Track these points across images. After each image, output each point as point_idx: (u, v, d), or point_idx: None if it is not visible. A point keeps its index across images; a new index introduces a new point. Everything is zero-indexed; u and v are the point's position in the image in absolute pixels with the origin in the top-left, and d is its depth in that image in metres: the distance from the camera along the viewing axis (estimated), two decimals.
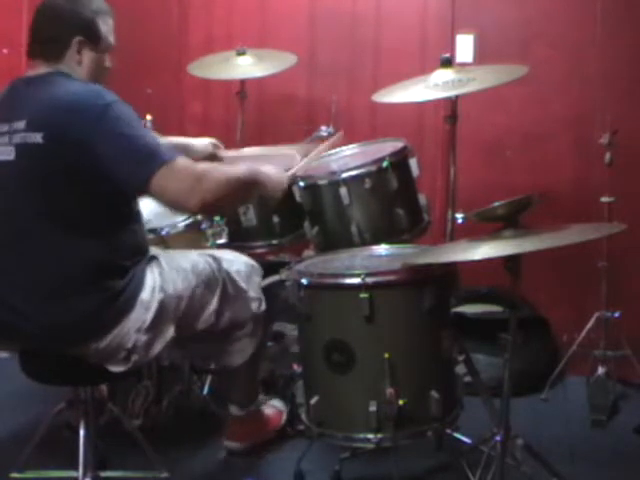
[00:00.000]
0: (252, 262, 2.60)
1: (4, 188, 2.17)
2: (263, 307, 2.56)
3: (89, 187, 2.12)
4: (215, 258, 2.49)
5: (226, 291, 2.46)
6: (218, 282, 2.44)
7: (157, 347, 2.26)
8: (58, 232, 2.13)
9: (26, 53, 2.27)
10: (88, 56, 2.25)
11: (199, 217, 2.79)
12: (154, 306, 2.24)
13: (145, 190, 2.12)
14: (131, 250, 2.24)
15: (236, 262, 2.53)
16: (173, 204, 2.20)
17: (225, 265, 2.48)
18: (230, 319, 2.47)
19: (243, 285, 2.50)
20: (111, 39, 2.30)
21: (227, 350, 2.54)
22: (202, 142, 2.85)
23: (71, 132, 2.08)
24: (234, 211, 2.90)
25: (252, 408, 2.69)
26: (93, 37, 2.24)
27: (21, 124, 2.12)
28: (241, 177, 2.30)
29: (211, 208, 2.28)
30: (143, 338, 2.22)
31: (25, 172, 2.13)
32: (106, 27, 2.28)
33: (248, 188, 2.35)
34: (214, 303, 2.42)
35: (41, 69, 2.23)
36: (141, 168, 2.09)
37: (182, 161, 2.13)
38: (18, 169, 2.14)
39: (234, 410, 2.69)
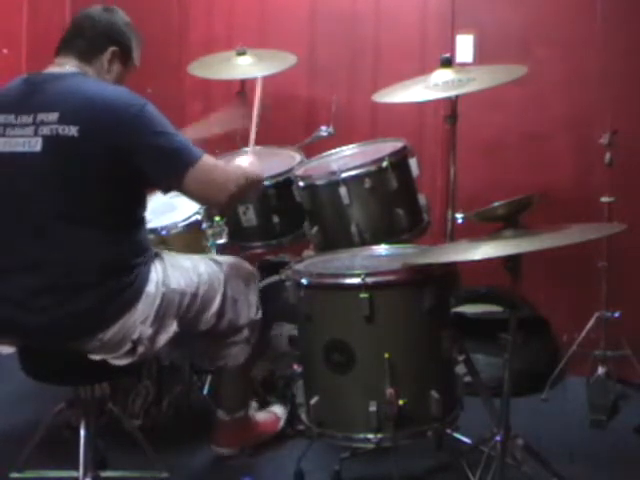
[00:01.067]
0: (251, 269, 2.61)
1: (24, 181, 2.15)
2: (259, 315, 2.58)
3: (111, 188, 2.15)
4: (217, 262, 2.52)
5: (227, 294, 2.47)
6: (220, 284, 2.46)
7: (161, 341, 2.28)
8: (70, 231, 2.14)
9: (56, 49, 2.31)
10: (117, 68, 2.34)
11: (199, 217, 2.80)
12: (158, 299, 2.26)
13: (179, 188, 2.23)
14: (139, 247, 2.27)
15: (236, 267, 2.55)
16: (205, 199, 2.37)
17: (226, 269, 2.50)
18: (229, 323, 2.49)
19: (242, 290, 2.52)
20: (137, 63, 2.41)
21: (222, 354, 2.55)
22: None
23: (107, 129, 2.12)
24: (234, 211, 2.91)
25: (239, 415, 2.69)
26: (126, 53, 2.36)
27: (51, 116, 2.12)
28: (251, 171, 2.42)
29: (237, 201, 2.44)
30: (148, 330, 2.23)
31: (52, 165, 2.13)
32: (137, 50, 2.41)
33: (252, 184, 2.44)
34: (216, 305, 2.44)
35: (67, 67, 2.26)
36: (175, 166, 2.19)
37: (210, 159, 2.25)
38: (44, 161, 2.13)
39: (221, 414, 2.68)
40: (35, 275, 2.15)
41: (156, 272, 2.30)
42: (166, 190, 2.30)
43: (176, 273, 2.35)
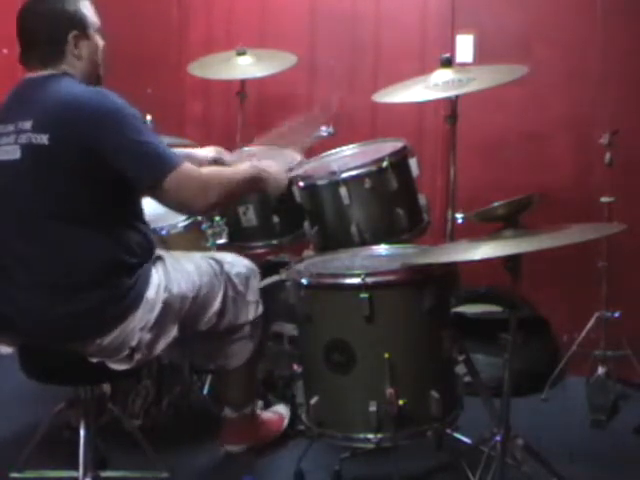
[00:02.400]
0: (251, 265, 2.61)
1: (11, 187, 2.17)
2: (260, 311, 2.57)
3: (95, 187, 2.15)
4: (217, 260, 2.51)
5: (227, 293, 2.47)
6: (221, 284, 2.46)
7: (160, 346, 2.28)
8: (66, 230, 2.14)
9: (20, 57, 2.26)
10: (85, 47, 2.27)
11: (199, 217, 2.80)
12: (158, 305, 2.26)
13: (152, 193, 2.19)
14: (138, 248, 2.26)
15: (236, 265, 2.55)
16: (179, 207, 2.29)
17: (226, 267, 2.50)
18: (230, 321, 2.49)
19: (242, 288, 2.52)
20: (96, 19, 2.31)
21: (225, 352, 2.55)
22: (204, 151, 2.85)
23: (78, 135, 2.10)
24: (234, 211, 2.91)
25: (246, 411, 2.69)
26: (84, 26, 2.26)
27: (27, 124, 2.13)
28: (244, 177, 2.40)
29: (215, 209, 2.38)
30: (147, 337, 2.23)
31: (30, 172, 2.14)
32: (88, 11, 2.29)
33: (251, 186, 2.44)
34: (216, 304, 2.44)
35: (43, 71, 2.23)
36: (150, 172, 2.15)
37: (188, 166, 2.21)
38: (24, 169, 2.14)
39: (228, 412, 2.68)
40: (33, 275, 2.16)
41: (158, 276, 2.29)
42: (144, 194, 2.26)
43: (178, 276, 2.34)
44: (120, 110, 2.14)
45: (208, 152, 2.80)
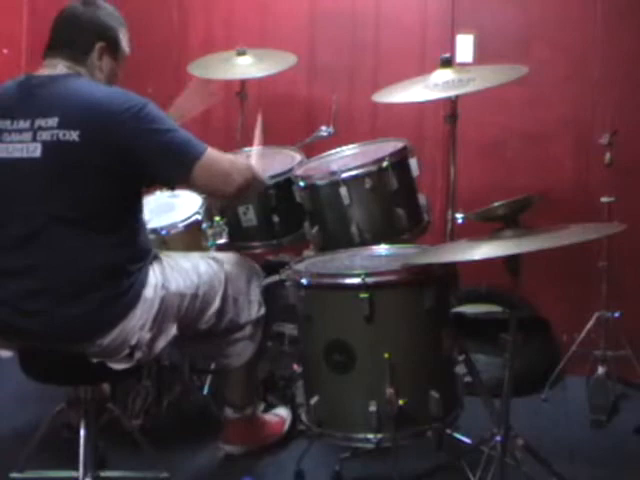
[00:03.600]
0: (254, 265, 2.61)
1: (23, 186, 2.15)
2: (263, 311, 2.57)
3: (115, 188, 2.15)
4: (217, 260, 2.52)
5: (227, 293, 2.47)
6: (221, 283, 2.46)
7: (160, 345, 2.28)
8: (74, 234, 2.14)
9: (44, 51, 2.29)
10: (107, 63, 2.31)
11: (199, 217, 2.80)
12: (156, 304, 2.26)
13: (186, 183, 2.24)
14: (139, 253, 2.27)
15: (237, 264, 2.55)
16: (213, 192, 2.37)
17: (227, 267, 2.50)
18: (230, 321, 2.49)
19: (243, 288, 2.52)
20: (127, 50, 2.38)
21: (226, 352, 2.54)
22: None
23: (108, 131, 2.11)
24: (234, 211, 2.91)
25: (247, 412, 2.69)
26: (114, 45, 2.32)
27: (51, 121, 2.11)
28: (254, 167, 2.43)
29: (244, 193, 2.38)
30: (147, 335, 2.23)
31: (53, 170, 2.12)
32: (124, 38, 2.36)
33: (255, 180, 2.43)
34: (216, 304, 2.44)
35: (58, 69, 2.24)
36: (181, 163, 2.19)
37: (214, 151, 2.25)
38: (45, 167, 2.12)
39: (229, 412, 2.68)
40: (33, 278, 2.15)
41: (155, 275, 2.29)
42: (174, 186, 2.35)
43: (175, 275, 2.35)
44: (146, 106, 2.16)
45: None
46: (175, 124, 2.22)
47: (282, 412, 2.87)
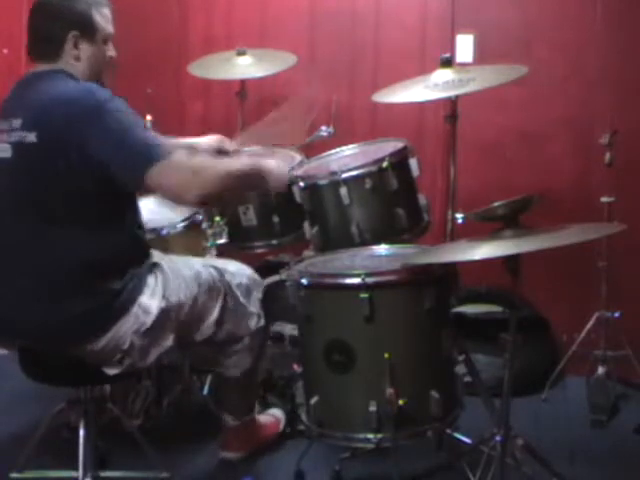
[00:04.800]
0: (254, 276, 2.58)
1: (4, 185, 2.18)
2: (262, 323, 2.55)
3: (84, 186, 2.12)
4: (218, 269, 2.47)
5: (227, 303, 2.45)
6: (220, 292, 2.43)
7: (152, 355, 2.27)
8: (54, 232, 2.13)
9: (26, 54, 2.28)
10: (86, 50, 2.24)
11: (199, 217, 2.80)
12: (154, 312, 2.24)
13: (142, 185, 2.12)
14: (129, 250, 2.24)
15: (238, 275, 2.51)
16: (171, 197, 2.20)
17: (227, 277, 2.47)
18: (229, 331, 2.47)
19: (243, 300, 2.49)
20: (110, 28, 2.29)
21: (224, 362, 2.54)
22: (206, 139, 2.82)
23: (65, 131, 2.09)
24: (234, 211, 2.91)
25: (247, 419, 2.68)
26: (89, 30, 2.24)
27: (17, 123, 2.13)
28: (242, 168, 2.29)
29: (210, 200, 2.24)
30: (139, 342, 2.22)
31: (21, 170, 2.14)
32: (102, 17, 2.27)
33: (250, 179, 2.33)
34: (215, 313, 2.42)
35: (40, 67, 2.24)
36: (137, 164, 2.09)
37: (178, 155, 2.12)
38: (14, 167, 2.15)
39: (229, 420, 2.67)
40: (25, 279, 2.15)
41: (155, 283, 2.27)
42: (132, 188, 2.21)
43: (176, 284, 2.32)
44: (104, 104, 2.10)
45: (210, 141, 2.79)
46: (136, 124, 2.12)
47: (276, 413, 2.87)
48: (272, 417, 2.85)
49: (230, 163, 2.37)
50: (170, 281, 2.31)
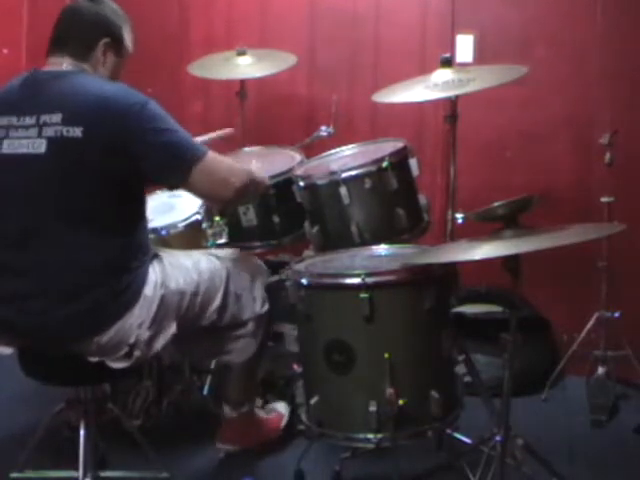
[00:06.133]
0: (259, 263, 2.62)
1: (27, 182, 2.15)
2: (266, 308, 2.57)
3: (117, 186, 2.15)
4: (218, 257, 2.51)
5: (229, 289, 2.47)
6: (222, 279, 2.45)
7: (159, 343, 2.27)
8: (74, 231, 2.13)
9: (48, 48, 2.29)
10: (111, 59, 2.32)
11: (199, 217, 2.80)
12: (156, 302, 2.25)
13: (186, 183, 2.21)
14: (140, 250, 2.26)
15: (240, 261, 2.55)
16: (211, 196, 2.35)
17: (228, 263, 2.50)
18: (232, 317, 2.48)
19: (247, 284, 2.51)
20: (132, 48, 2.39)
21: (228, 348, 2.54)
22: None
23: (111, 128, 2.11)
24: (234, 211, 2.91)
25: (245, 410, 2.68)
26: (118, 42, 2.33)
27: (55, 117, 2.12)
28: (254, 172, 2.44)
29: (241, 197, 2.40)
30: (145, 334, 2.23)
31: (56, 166, 2.12)
32: (128, 35, 2.37)
33: (254, 184, 2.43)
34: (217, 300, 2.43)
35: (64, 65, 2.24)
36: (179, 165, 2.18)
37: (213, 154, 2.24)
38: (49, 163, 2.13)
39: (227, 410, 2.68)
40: (32, 276, 2.15)
41: (155, 273, 2.29)
42: (172, 187, 2.33)
43: (175, 272, 2.34)
44: (147, 104, 2.16)
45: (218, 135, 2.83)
46: (177, 125, 2.21)
47: (280, 408, 2.87)
48: (275, 412, 2.85)
49: (241, 165, 2.45)
50: (168, 270, 2.33)
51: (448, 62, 2.78)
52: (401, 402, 2.19)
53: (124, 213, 2.21)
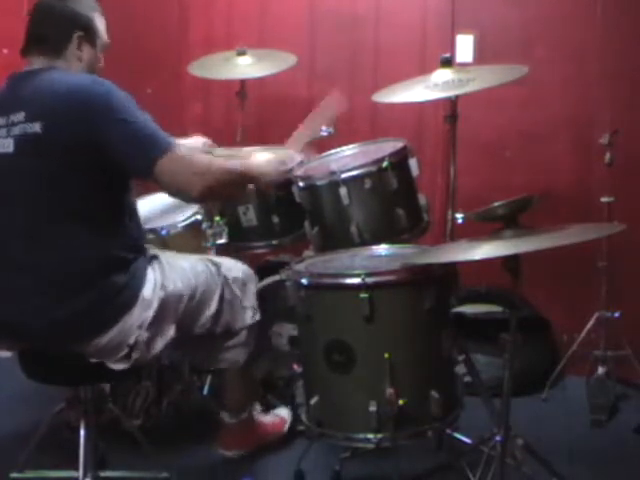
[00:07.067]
0: (249, 271, 2.58)
1: (4, 182, 2.16)
2: (257, 317, 2.56)
3: (88, 178, 2.13)
4: (214, 263, 2.50)
5: (224, 296, 2.46)
6: (217, 286, 2.45)
7: (158, 345, 2.27)
8: (61, 228, 2.13)
9: (21, 51, 2.29)
10: (87, 52, 2.29)
11: (199, 217, 2.80)
12: (155, 304, 2.25)
13: (150, 175, 2.14)
14: (130, 243, 2.24)
15: (234, 269, 2.53)
16: (177, 190, 2.21)
17: (224, 270, 2.49)
18: (225, 325, 2.47)
19: (239, 293, 2.50)
20: (107, 38, 2.35)
21: (220, 357, 2.53)
22: (192, 140, 2.83)
23: (71, 120, 2.09)
24: (234, 210, 2.91)
25: (244, 416, 2.69)
26: (92, 33, 2.29)
27: (20, 115, 2.13)
28: (238, 169, 2.34)
29: (212, 196, 2.32)
30: (145, 335, 2.22)
31: (25, 164, 2.13)
32: (101, 25, 2.33)
33: (243, 181, 2.39)
34: (212, 307, 2.43)
35: (36, 64, 2.24)
36: (146, 154, 2.12)
37: (183, 149, 2.19)
38: (17, 161, 2.13)
39: (226, 417, 2.68)
40: (27, 277, 2.15)
41: (154, 274, 2.28)
42: (139, 178, 2.24)
43: (174, 274, 2.34)
44: (112, 93, 2.13)
45: (195, 142, 2.80)
46: (143, 116, 2.16)
47: (282, 412, 2.87)
48: (277, 417, 2.85)
49: (228, 162, 2.38)
50: (167, 271, 2.32)
51: (448, 62, 2.78)
52: (401, 402, 2.19)
53: (108, 204, 2.19)
